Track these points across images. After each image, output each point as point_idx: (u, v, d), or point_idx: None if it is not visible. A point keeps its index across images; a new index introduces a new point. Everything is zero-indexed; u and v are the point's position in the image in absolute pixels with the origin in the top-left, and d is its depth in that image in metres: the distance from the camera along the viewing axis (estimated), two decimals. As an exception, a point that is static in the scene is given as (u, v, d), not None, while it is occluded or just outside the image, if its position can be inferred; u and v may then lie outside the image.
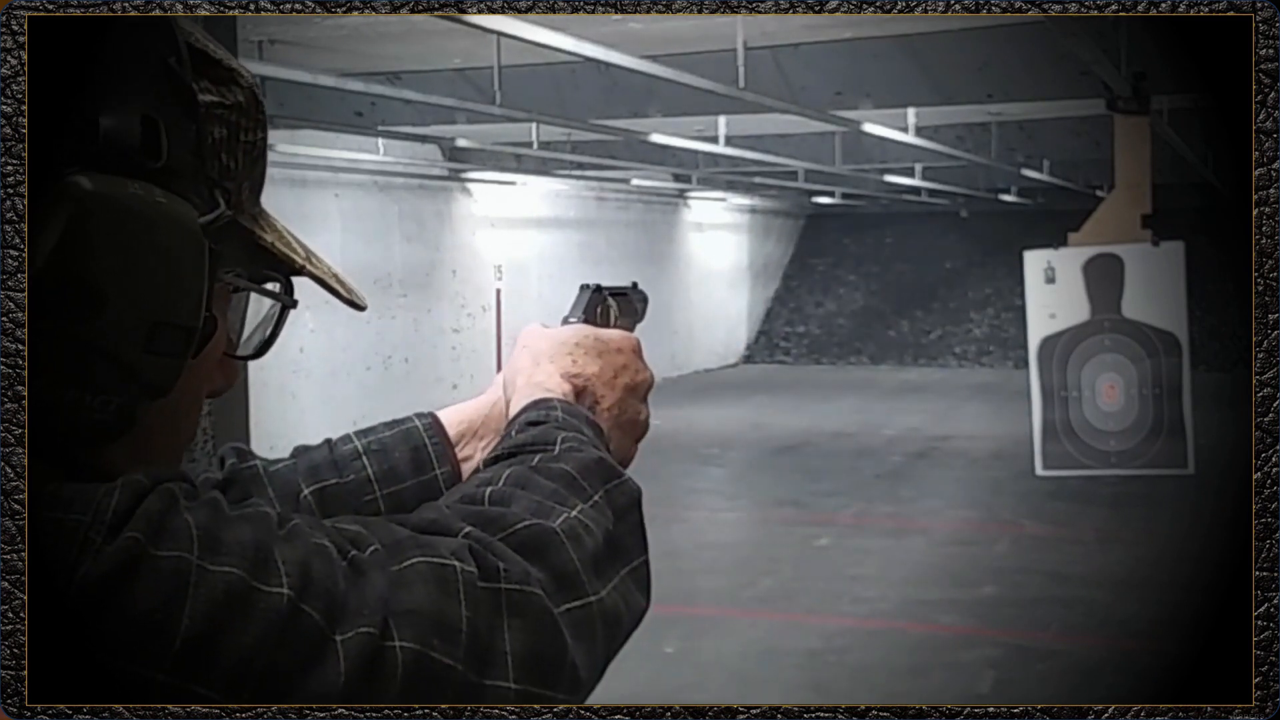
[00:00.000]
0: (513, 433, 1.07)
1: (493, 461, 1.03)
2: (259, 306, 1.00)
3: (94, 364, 0.82)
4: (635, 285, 1.36)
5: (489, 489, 0.97)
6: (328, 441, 1.24)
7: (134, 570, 0.76)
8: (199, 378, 0.91)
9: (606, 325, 1.26)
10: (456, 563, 0.87)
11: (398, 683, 0.81)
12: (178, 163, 0.85)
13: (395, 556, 0.86)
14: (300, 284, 1.01)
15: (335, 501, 1.19)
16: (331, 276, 1.01)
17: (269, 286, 0.98)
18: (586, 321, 1.24)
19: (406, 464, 1.21)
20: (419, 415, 1.25)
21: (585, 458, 1.02)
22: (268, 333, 1.01)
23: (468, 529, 0.91)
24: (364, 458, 1.21)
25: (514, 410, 1.13)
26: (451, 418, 1.25)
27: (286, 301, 0.99)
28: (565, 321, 1.25)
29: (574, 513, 0.96)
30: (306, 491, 1.21)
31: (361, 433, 1.24)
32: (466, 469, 1.22)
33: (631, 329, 1.30)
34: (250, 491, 1.20)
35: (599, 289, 1.28)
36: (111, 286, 0.80)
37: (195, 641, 0.76)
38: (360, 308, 1.02)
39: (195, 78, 0.88)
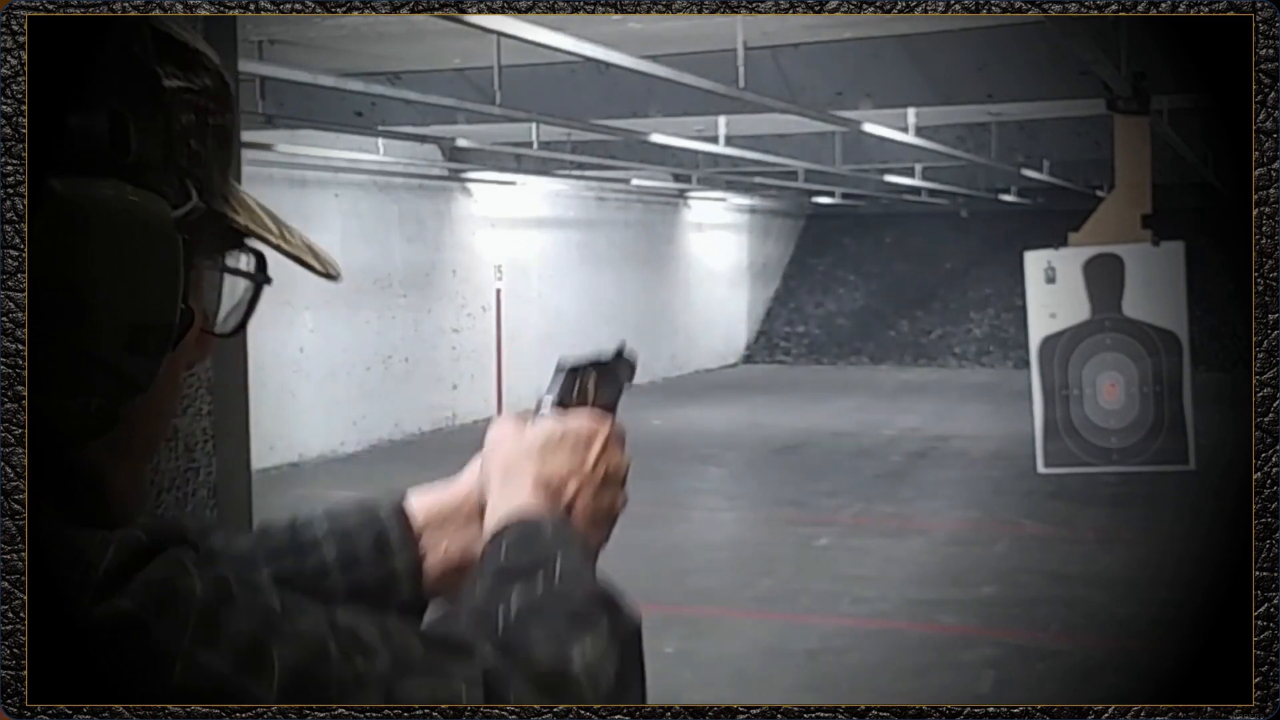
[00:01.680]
0: (503, 551, 1.03)
1: (492, 576, 1.00)
2: (235, 283, 0.99)
3: (75, 368, 0.81)
4: (621, 350, 1.31)
5: (501, 606, 0.95)
6: (291, 521, 1.22)
7: (123, 641, 0.74)
8: (176, 364, 0.91)
9: (584, 404, 1.22)
10: (464, 687, 0.85)
11: None
12: (147, 155, 0.84)
13: (402, 675, 0.84)
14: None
15: (295, 584, 1.17)
16: (305, 249, 0.99)
17: (244, 266, 0.98)
18: (561, 403, 1.21)
19: (368, 549, 1.18)
20: (390, 495, 1.23)
21: (589, 588, 1.00)
22: (244, 309, 1.00)
23: (485, 654, 0.89)
24: (325, 542, 1.18)
25: (493, 522, 1.09)
26: (425, 502, 1.22)
27: (262, 280, 0.98)
28: (539, 403, 1.20)
29: (589, 651, 0.94)
30: (267, 573, 1.18)
31: (326, 515, 1.21)
32: (434, 557, 1.19)
33: (616, 399, 1.27)
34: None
35: (574, 370, 1.24)
36: (89, 290, 0.80)
37: None
38: (334, 278, 1.01)
39: (160, 63, 0.86)
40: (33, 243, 0.79)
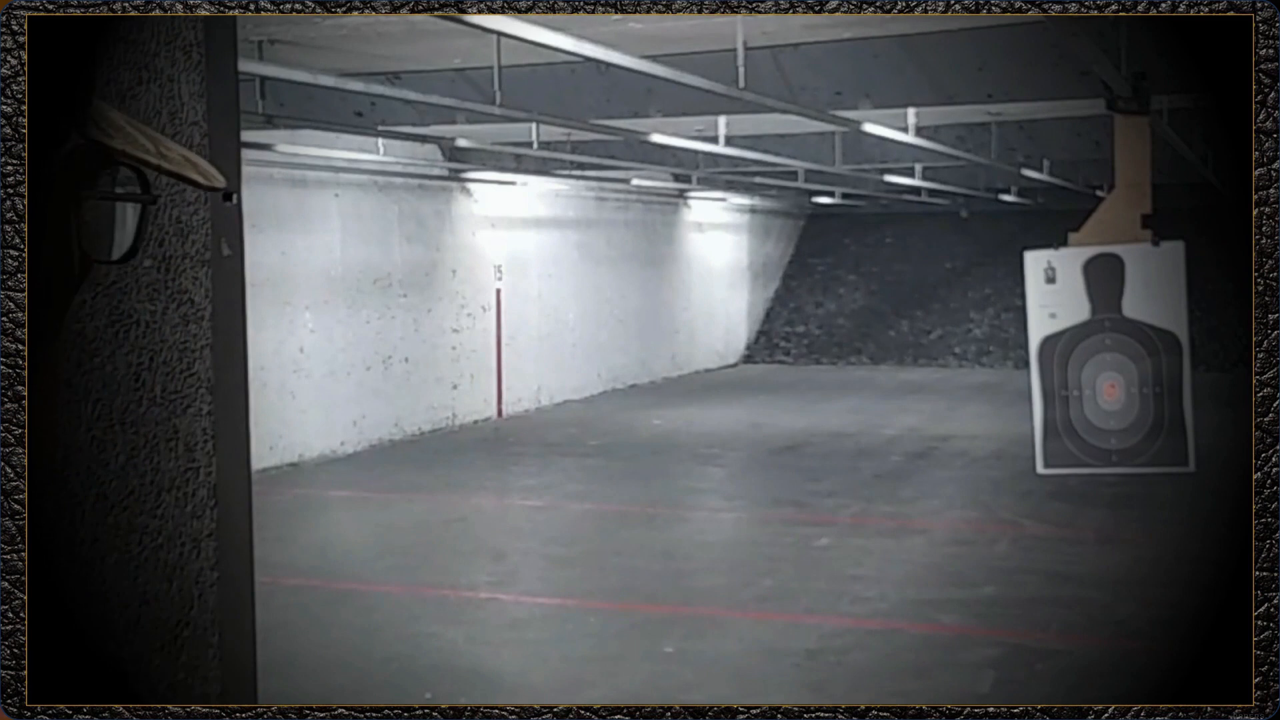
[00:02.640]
0: None
1: None
2: (123, 207, 0.98)
3: None
4: None
5: None
6: None
7: None
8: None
9: None
10: None
11: None
12: None
13: None
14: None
15: None
16: (184, 163, 0.98)
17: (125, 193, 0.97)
18: None
19: None
20: None
21: None
22: (134, 233, 0.99)
23: None
24: None
25: None
26: None
27: (146, 200, 0.98)
28: None
29: None
30: None
31: None
32: None
33: None
34: None
35: None
36: None
37: None
38: (218, 189, 1.01)
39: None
40: None
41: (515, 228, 16.65)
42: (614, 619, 7.43)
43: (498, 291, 15.99)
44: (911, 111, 9.87)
